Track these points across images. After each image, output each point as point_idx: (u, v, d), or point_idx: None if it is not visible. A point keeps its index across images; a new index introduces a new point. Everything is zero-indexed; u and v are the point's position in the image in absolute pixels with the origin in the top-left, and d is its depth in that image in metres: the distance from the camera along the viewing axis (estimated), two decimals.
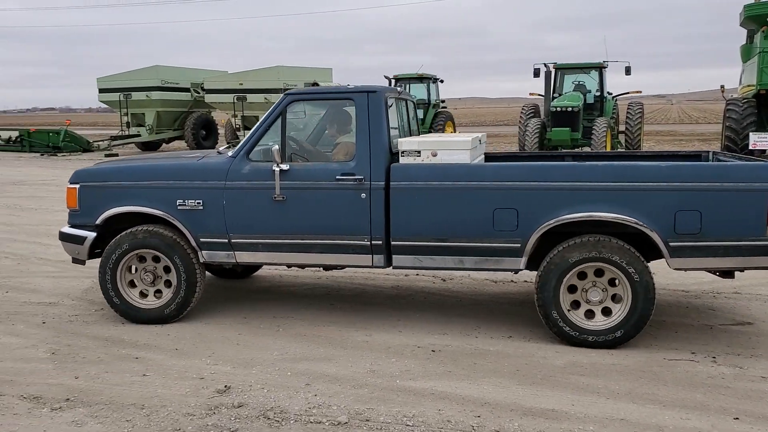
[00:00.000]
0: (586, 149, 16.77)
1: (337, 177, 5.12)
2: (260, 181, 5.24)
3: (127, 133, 26.39)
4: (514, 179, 4.89)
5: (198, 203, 5.34)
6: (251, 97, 23.16)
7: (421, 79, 22.16)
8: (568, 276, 4.78)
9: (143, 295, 5.51)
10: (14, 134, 27.94)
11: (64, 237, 5.72)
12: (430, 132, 21.37)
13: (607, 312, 4.81)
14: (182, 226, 5.36)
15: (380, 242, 5.12)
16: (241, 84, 23.24)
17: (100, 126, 58.87)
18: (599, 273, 4.79)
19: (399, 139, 5.31)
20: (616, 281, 4.77)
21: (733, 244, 4.61)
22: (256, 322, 5.45)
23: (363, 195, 5.09)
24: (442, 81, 23.26)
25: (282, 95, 5.36)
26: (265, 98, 22.48)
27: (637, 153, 7.43)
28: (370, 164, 5.08)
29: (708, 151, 6.11)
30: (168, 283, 5.47)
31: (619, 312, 4.74)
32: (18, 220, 10.55)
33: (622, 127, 19.49)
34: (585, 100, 18.24)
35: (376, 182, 5.07)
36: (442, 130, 21.51)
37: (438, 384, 4.19)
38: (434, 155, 5.08)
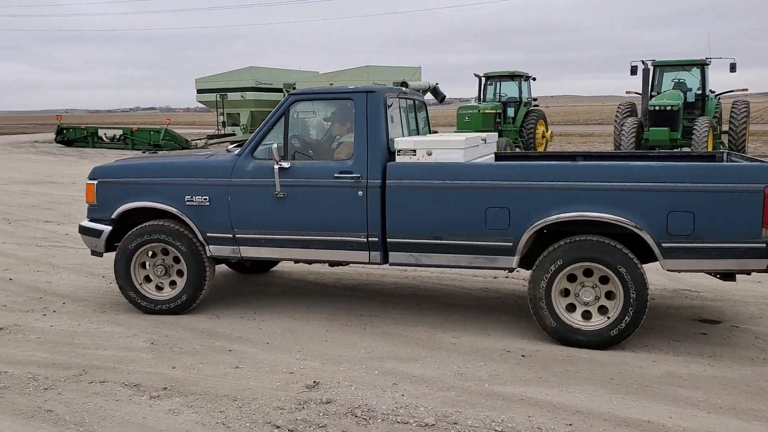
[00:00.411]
0: (686, 150, 16.05)
1: (336, 175, 5.20)
2: (263, 179, 5.36)
3: (222, 132, 27.31)
4: (505, 179, 4.90)
5: (205, 199, 5.51)
6: None
7: (512, 76, 21.80)
8: (560, 275, 4.77)
9: (159, 288, 5.72)
10: (118, 133, 29.47)
11: (83, 230, 5.96)
12: (520, 131, 21.02)
13: (601, 311, 4.79)
14: (190, 221, 5.54)
15: (377, 239, 5.19)
16: (331, 84, 23.60)
17: (197, 125, 61.17)
18: (590, 273, 4.76)
19: (395, 139, 5.29)
20: (609, 281, 4.72)
21: (727, 246, 4.52)
22: (344, 320, 5.51)
23: (360, 193, 5.16)
24: (534, 78, 22.80)
25: (286, 95, 5.47)
26: None
27: (650, 154, 7.26)
28: (367, 163, 5.15)
29: (723, 152, 5.91)
30: (180, 273, 5.66)
31: (612, 312, 4.72)
32: None
33: (725, 127, 18.53)
34: (685, 98, 17.47)
35: (372, 180, 5.13)
36: (534, 129, 21.07)
37: (528, 389, 4.10)
38: (429, 154, 5.14)
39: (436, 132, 7.79)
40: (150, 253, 5.71)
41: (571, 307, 4.84)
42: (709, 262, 4.64)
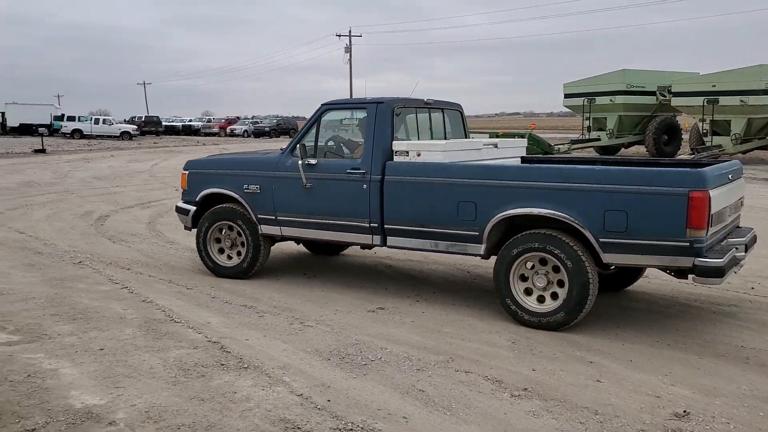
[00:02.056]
0: None
1: (348, 171, 6.23)
2: (296, 172, 6.48)
3: (587, 137, 26.90)
4: (472, 177, 5.63)
5: (257, 188, 6.78)
6: (724, 100, 21.28)
7: None
8: (516, 263, 5.44)
9: (229, 257, 7.12)
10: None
11: (178, 209, 7.52)
12: None
13: (553, 297, 5.37)
14: (247, 205, 6.83)
15: (377, 225, 6.15)
16: (714, 86, 21.52)
17: (560, 130, 61.38)
18: (545, 262, 5.36)
19: (394, 141, 6.12)
20: (560, 269, 5.27)
21: (656, 243, 4.91)
22: (720, 349, 4.94)
23: (364, 186, 6.14)
24: None
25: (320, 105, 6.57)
26: (742, 101, 20.41)
27: (633, 159, 7.65)
28: (371, 161, 6.10)
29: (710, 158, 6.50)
30: (243, 245, 6.98)
31: (560, 297, 5.31)
32: None
33: None
34: None
35: (374, 176, 6.09)
36: None
37: None
38: (418, 155, 5.98)
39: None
40: (221, 229, 7.09)
41: (528, 292, 5.48)
42: (641, 257, 5.07)
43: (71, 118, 51.86)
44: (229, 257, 7.14)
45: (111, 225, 10.51)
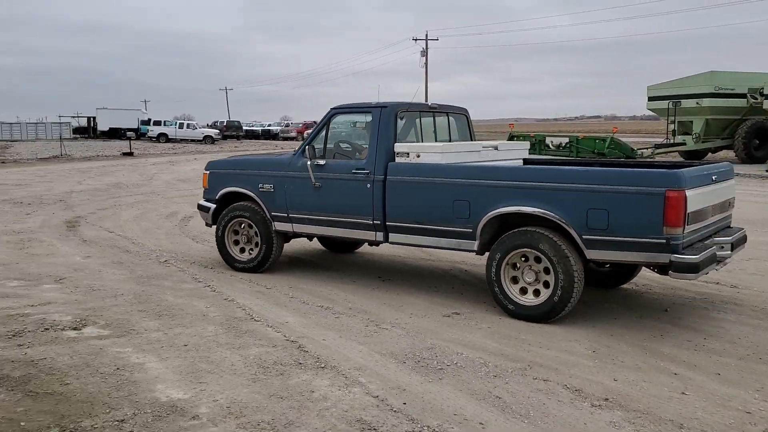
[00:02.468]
0: None
1: (353, 171, 6.59)
2: (307, 173, 6.87)
3: (671, 141, 25.97)
4: (467, 177, 5.95)
5: (271, 187, 7.20)
6: None
7: None
8: (507, 258, 5.73)
9: (242, 251, 7.53)
10: (564, 141, 30.41)
11: (199, 207, 7.96)
12: None
13: (544, 288, 5.60)
14: (261, 202, 7.26)
15: (379, 222, 6.49)
16: None
17: (643, 134, 59.51)
18: (539, 260, 5.59)
19: (396, 144, 6.48)
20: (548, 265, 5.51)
21: (635, 240, 5.13)
22: None
23: (368, 185, 6.49)
24: None
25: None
26: None
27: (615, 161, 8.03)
28: (375, 162, 6.46)
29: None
30: (257, 243, 7.38)
31: (548, 291, 5.54)
32: None
33: None
34: None
35: (377, 176, 6.44)
36: None
37: None
38: (418, 156, 6.32)
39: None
40: (239, 226, 7.48)
41: (520, 287, 5.77)
42: (621, 253, 5.29)
43: (157, 123, 54.03)
44: (243, 251, 7.59)
45: (194, 225, 10.86)
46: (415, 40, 65.11)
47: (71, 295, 6.50)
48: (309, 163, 6.82)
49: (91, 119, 59.80)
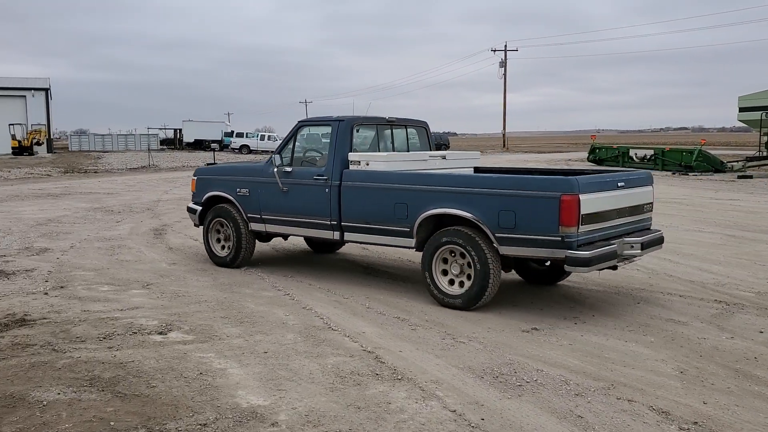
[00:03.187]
0: None
1: (314, 177, 7.44)
2: (276, 178, 7.72)
3: (764, 153, 24.78)
4: (404, 182, 6.72)
5: (247, 191, 8.10)
6: None
7: None
8: (437, 253, 6.48)
9: (222, 247, 8.45)
10: (649, 153, 29.47)
11: (188, 209, 9.00)
12: None
13: (466, 280, 6.37)
14: (239, 205, 8.17)
15: (336, 222, 7.31)
16: None
17: (733, 146, 57.01)
18: (460, 254, 6.36)
19: (350, 153, 7.31)
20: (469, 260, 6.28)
21: (537, 237, 5.88)
22: None
23: (327, 190, 7.32)
24: None
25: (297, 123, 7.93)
26: None
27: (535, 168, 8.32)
28: (332, 169, 7.28)
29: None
30: (230, 239, 8.33)
31: (469, 282, 6.32)
32: None
33: None
34: None
35: (334, 181, 7.26)
36: None
37: None
38: (367, 164, 7.14)
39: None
40: (220, 225, 8.43)
41: (449, 279, 6.52)
42: (527, 249, 5.96)
43: (239, 135, 55.67)
44: (223, 248, 8.48)
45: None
46: (494, 51, 64.74)
47: (157, 300, 6.74)
48: (276, 170, 7.71)
49: (178, 131, 62.19)
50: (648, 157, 29.27)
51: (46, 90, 54.72)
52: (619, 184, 6.34)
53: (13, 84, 54.45)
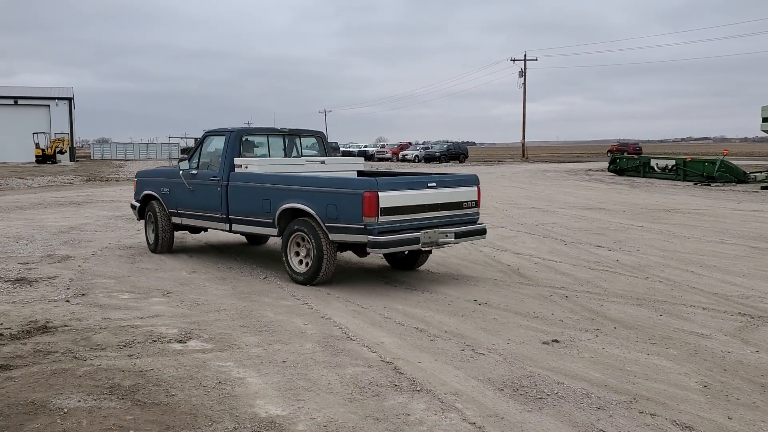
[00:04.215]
0: None
1: (210, 178, 9.01)
2: (185, 179, 9.44)
3: None
4: (268, 182, 8.32)
5: (167, 190, 9.85)
6: None
7: None
8: (290, 239, 7.99)
9: (155, 237, 10.13)
10: (670, 163, 29.19)
11: (132, 206, 10.78)
12: None
13: (308, 263, 7.89)
14: (163, 202, 9.94)
15: (225, 216, 8.88)
16: None
17: (756, 156, 56.34)
18: (306, 240, 7.82)
19: (235, 158, 8.87)
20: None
21: (350, 226, 7.33)
22: None
23: (219, 189, 8.88)
24: None
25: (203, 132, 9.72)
26: None
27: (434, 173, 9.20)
28: (223, 172, 8.87)
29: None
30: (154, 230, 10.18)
31: (310, 262, 7.82)
32: (671, 246, 10.87)
33: None
34: None
35: (223, 182, 8.83)
36: None
37: None
38: (246, 168, 8.70)
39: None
40: (151, 219, 10.21)
41: (299, 260, 8.01)
42: (345, 236, 7.41)
43: None
44: (152, 235, 10.21)
45: None
46: (513, 60, 64.60)
47: (177, 308, 6.77)
48: (182, 172, 9.46)
49: (198, 140, 62.75)
50: (669, 167, 29.00)
51: (70, 99, 55.52)
52: (429, 185, 7.80)
53: (37, 93, 55.36)
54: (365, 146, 69.36)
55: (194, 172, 9.34)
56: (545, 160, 63.33)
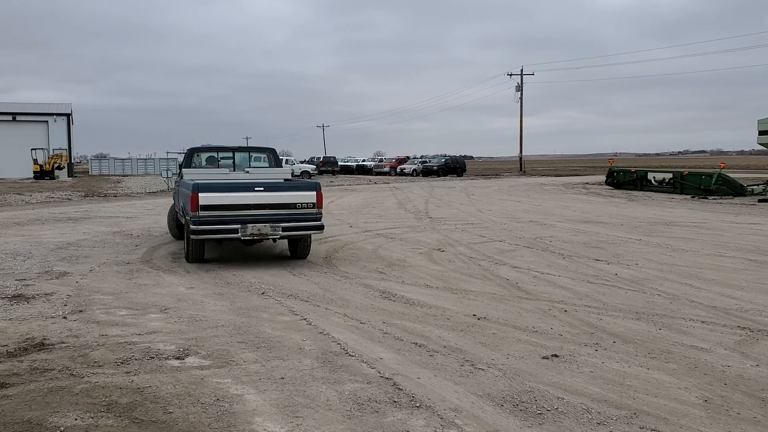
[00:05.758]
0: None
1: (177, 185, 11.86)
2: (177, 187, 12.19)
3: None
4: (184, 187, 10.77)
5: (176, 193, 12.72)
6: None
7: None
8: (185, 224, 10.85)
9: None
10: (668, 176, 29.27)
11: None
12: None
13: None
14: (175, 203, 12.91)
15: (182, 213, 11.03)
16: None
17: (752, 169, 56.49)
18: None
19: (184, 169, 12.17)
20: None
21: (187, 217, 10.03)
22: None
23: (178, 193, 11.78)
24: None
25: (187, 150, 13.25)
26: None
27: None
28: (179, 179, 11.87)
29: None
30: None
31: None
32: (669, 260, 10.87)
33: None
34: None
35: (177, 186, 12.29)
36: None
37: None
38: (184, 177, 11.67)
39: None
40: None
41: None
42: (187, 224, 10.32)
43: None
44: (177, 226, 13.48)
45: (294, 260, 11.07)
46: (510, 75, 64.94)
47: (175, 324, 6.74)
48: (166, 180, 12.40)
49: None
50: (666, 180, 29.07)
51: (68, 115, 55.61)
52: (256, 189, 9.94)
53: (35, 110, 55.44)
54: (363, 160, 69.53)
55: (179, 179, 12.45)
56: (543, 173, 63.47)
